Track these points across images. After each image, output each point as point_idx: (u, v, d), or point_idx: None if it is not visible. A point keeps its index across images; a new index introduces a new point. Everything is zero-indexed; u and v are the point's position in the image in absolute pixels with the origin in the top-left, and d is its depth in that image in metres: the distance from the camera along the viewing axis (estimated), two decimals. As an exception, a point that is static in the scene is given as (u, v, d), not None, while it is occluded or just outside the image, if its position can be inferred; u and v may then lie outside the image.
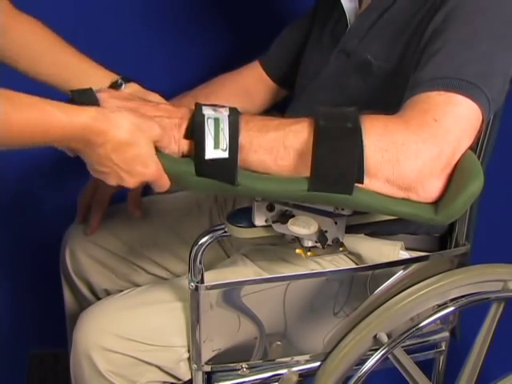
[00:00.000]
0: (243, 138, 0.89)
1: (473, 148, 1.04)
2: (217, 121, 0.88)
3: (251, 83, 1.38)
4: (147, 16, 1.56)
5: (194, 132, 0.88)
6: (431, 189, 0.89)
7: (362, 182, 0.87)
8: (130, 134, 0.85)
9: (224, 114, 0.89)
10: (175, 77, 1.54)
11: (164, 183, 0.91)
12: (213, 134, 0.87)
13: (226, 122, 0.88)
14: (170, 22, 1.57)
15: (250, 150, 0.89)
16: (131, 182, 0.89)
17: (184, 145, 0.90)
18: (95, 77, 1.10)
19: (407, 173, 0.87)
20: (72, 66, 1.10)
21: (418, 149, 0.87)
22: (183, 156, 0.91)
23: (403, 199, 0.89)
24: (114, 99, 0.92)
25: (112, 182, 0.89)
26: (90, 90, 0.91)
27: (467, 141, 0.91)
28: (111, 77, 1.11)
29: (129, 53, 1.55)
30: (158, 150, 0.90)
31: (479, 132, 0.93)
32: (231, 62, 1.43)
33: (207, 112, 0.89)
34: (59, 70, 1.10)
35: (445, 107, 0.89)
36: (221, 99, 1.34)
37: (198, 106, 0.90)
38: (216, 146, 0.87)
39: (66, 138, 0.83)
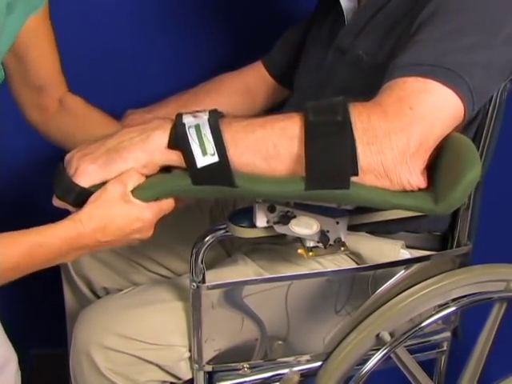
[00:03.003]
0: (227, 142, 0.87)
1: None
2: (198, 127, 0.87)
3: (252, 81, 1.38)
4: (148, 16, 1.56)
5: (179, 143, 0.87)
6: (416, 175, 0.88)
7: (357, 174, 0.86)
8: (99, 217, 0.88)
9: (204, 118, 0.88)
10: (176, 78, 1.54)
11: (168, 207, 0.93)
12: (197, 141, 0.86)
13: (207, 126, 0.87)
14: (171, 24, 1.57)
15: (237, 152, 0.87)
16: (146, 234, 0.93)
17: (169, 154, 0.89)
18: None
19: (394, 163, 0.87)
20: None
21: (397, 138, 0.86)
22: (172, 166, 0.90)
23: (402, 192, 0.89)
24: (78, 153, 0.92)
25: (137, 241, 0.93)
26: (60, 169, 0.92)
27: (442, 128, 0.90)
28: None
29: (129, 53, 1.55)
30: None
31: (463, 120, 0.93)
32: (233, 63, 1.43)
33: (187, 120, 0.88)
34: None
35: (420, 95, 0.89)
36: (221, 96, 1.34)
37: (179, 116, 0.89)
38: (204, 152, 0.86)
39: (57, 255, 0.88)
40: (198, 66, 1.58)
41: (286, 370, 1.11)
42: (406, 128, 0.87)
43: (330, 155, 0.85)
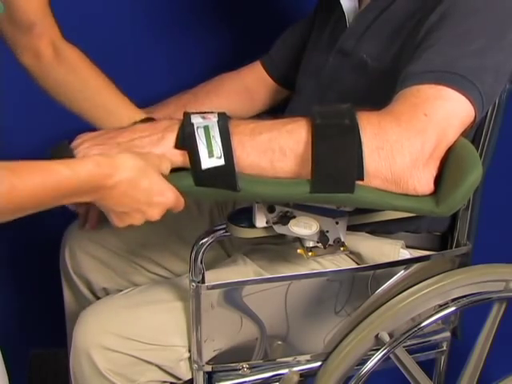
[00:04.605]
0: (234, 144, 0.87)
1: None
2: (206, 128, 0.87)
3: (251, 82, 1.38)
4: (148, 15, 1.56)
5: (186, 143, 0.87)
6: (426, 181, 0.89)
7: (363, 179, 0.87)
8: (137, 169, 0.85)
9: (213, 121, 0.88)
10: (176, 78, 1.54)
11: (181, 204, 0.90)
12: (205, 142, 0.86)
13: (216, 129, 0.87)
14: (171, 23, 1.57)
15: (243, 154, 0.88)
16: (155, 214, 0.88)
17: (176, 155, 0.89)
18: (123, 118, 1.10)
19: (403, 169, 0.87)
20: (103, 105, 1.15)
21: (410, 144, 0.87)
22: (177, 167, 0.90)
23: (404, 194, 0.89)
24: (88, 141, 0.91)
25: (137, 220, 0.89)
26: (66, 146, 0.91)
27: (454, 134, 0.91)
28: (138, 117, 1.10)
29: (130, 53, 1.55)
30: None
31: (472, 124, 0.93)
32: (232, 63, 1.43)
33: (196, 121, 0.87)
34: (92, 108, 1.15)
35: (435, 101, 0.89)
36: (221, 97, 1.34)
37: (187, 116, 0.88)
38: (210, 154, 0.86)
39: (76, 191, 0.83)
40: (198, 66, 1.58)
41: (285, 370, 1.11)
42: (420, 134, 0.87)
43: (336, 158, 0.85)
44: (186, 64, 1.58)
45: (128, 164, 0.84)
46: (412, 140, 0.87)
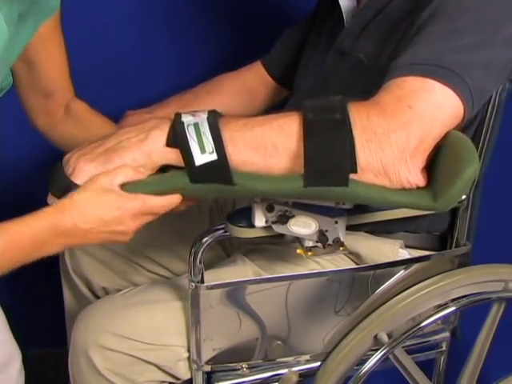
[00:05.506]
0: (226, 140, 0.87)
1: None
2: (196, 126, 0.87)
3: (252, 81, 1.38)
4: (149, 15, 1.56)
5: (177, 141, 0.87)
6: (416, 174, 0.88)
7: (356, 172, 0.87)
8: (81, 204, 0.87)
9: (203, 117, 0.88)
10: (176, 77, 1.54)
11: (170, 202, 0.91)
12: (196, 139, 0.87)
13: (206, 125, 0.87)
14: (171, 24, 1.57)
15: (235, 151, 0.88)
16: (128, 230, 0.90)
17: (166, 153, 0.89)
18: None
19: (393, 161, 0.87)
20: None
21: (396, 136, 0.87)
22: (170, 165, 0.90)
23: (400, 189, 0.89)
24: (76, 153, 0.92)
25: (123, 238, 0.92)
26: (58, 167, 0.92)
27: (442, 127, 0.90)
28: None
29: (130, 53, 1.55)
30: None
31: (463, 119, 0.93)
32: (233, 63, 1.43)
33: (186, 119, 0.88)
34: None
35: (419, 94, 0.89)
36: (221, 96, 1.35)
37: (178, 115, 0.89)
38: (202, 150, 0.86)
39: (41, 243, 0.87)
40: (198, 66, 1.58)
41: (285, 370, 1.11)
42: (405, 126, 0.87)
43: (328, 153, 0.85)
44: (186, 64, 1.58)
45: (70, 202, 0.87)
46: (398, 132, 0.87)
